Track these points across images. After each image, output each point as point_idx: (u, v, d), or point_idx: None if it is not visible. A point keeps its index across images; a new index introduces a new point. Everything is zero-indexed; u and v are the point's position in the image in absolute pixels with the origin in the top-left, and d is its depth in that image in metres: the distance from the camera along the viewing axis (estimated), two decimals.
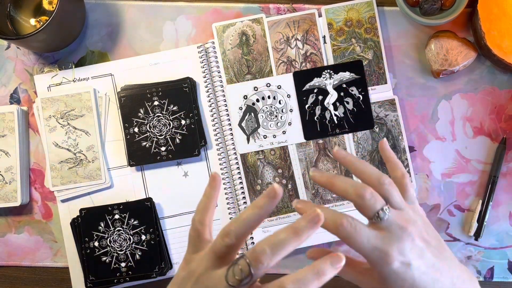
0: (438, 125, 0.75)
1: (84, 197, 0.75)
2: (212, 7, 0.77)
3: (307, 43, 0.75)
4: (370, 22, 0.75)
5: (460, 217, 0.75)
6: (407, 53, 0.76)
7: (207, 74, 0.76)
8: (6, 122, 0.75)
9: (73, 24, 0.74)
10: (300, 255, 0.75)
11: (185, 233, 0.75)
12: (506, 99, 0.75)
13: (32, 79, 0.77)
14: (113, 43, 0.77)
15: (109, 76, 0.76)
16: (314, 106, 0.74)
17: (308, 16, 0.75)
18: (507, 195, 0.74)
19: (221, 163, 0.75)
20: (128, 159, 0.74)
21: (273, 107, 0.75)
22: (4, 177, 0.74)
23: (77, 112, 0.75)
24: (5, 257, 0.77)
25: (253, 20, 0.75)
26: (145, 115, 0.74)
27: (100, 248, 0.73)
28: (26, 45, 0.73)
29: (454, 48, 0.72)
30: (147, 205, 0.73)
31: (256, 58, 0.75)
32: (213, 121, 0.75)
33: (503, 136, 0.74)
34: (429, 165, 0.75)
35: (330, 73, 0.74)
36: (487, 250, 0.74)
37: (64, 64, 0.77)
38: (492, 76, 0.75)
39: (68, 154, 0.75)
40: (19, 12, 0.74)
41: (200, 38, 0.77)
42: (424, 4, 0.72)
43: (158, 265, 0.72)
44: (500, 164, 0.73)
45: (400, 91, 0.76)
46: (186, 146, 0.74)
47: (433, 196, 0.75)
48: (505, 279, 0.74)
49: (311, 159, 0.74)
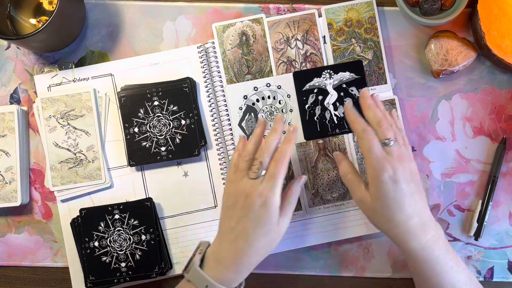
0: (438, 125, 0.75)
1: (84, 197, 0.75)
2: (212, 7, 0.77)
3: (307, 43, 0.75)
4: (370, 22, 0.75)
5: (460, 217, 0.75)
6: (407, 53, 0.76)
7: (207, 74, 0.76)
8: (6, 122, 0.75)
9: (73, 24, 0.74)
10: (301, 255, 0.75)
11: (185, 233, 0.75)
12: (506, 99, 0.75)
13: (32, 79, 0.77)
14: (113, 43, 0.77)
15: (109, 76, 0.76)
16: (314, 106, 0.74)
17: (308, 16, 0.75)
18: (507, 195, 0.74)
19: (221, 163, 0.75)
20: (128, 159, 0.74)
21: (273, 107, 0.75)
22: (4, 177, 0.74)
23: (77, 112, 0.75)
24: (5, 257, 0.77)
25: (253, 20, 0.75)
26: (145, 115, 0.74)
27: (100, 248, 0.73)
28: (26, 45, 0.73)
29: (454, 48, 0.72)
30: (147, 205, 0.73)
31: (256, 58, 0.75)
32: (213, 121, 0.76)
33: (503, 136, 0.74)
34: (429, 165, 0.75)
35: (330, 73, 0.74)
36: (487, 250, 0.74)
37: (64, 64, 0.77)
38: (492, 76, 0.75)
39: (68, 154, 0.75)
40: (19, 12, 0.74)
41: (200, 38, 0.77)
42: (424, 4, 0.72)
43: (158, 265, 0.72)
44: (500, 164, 0.73)
45: (400, 91, 0.76)
46: (186, 146, 0.74)
47: (433, 196, 0.75)
48: (505, 279, 0.74)
49: (311, 159, 0.74)
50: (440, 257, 0.61)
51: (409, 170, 0.61)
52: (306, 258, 0.75)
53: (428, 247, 0.61)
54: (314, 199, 0.74)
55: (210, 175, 0.75)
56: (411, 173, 0.61)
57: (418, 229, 0.61)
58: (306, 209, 0.74)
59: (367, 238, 0.75)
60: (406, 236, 0.61)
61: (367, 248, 0.75)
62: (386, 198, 0.60)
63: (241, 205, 0.61)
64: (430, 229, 0.61)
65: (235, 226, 0.61)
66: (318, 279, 0.75)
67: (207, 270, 0.61)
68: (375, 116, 0.63)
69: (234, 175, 0.64)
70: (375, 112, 0.64)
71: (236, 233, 0.61)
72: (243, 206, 0.61)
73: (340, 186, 0.74)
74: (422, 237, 0.61)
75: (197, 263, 0.62)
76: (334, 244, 0.75)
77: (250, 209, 0.61)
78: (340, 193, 0.74)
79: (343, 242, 0.75)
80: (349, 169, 0.66)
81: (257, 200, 0.61)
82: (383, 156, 0.60)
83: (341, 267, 0.75)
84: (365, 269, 0.75)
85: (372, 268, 0.75)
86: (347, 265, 0.75)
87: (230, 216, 0.62)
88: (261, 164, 0.62)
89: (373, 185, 0.61)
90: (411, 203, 0.61)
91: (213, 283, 0.60)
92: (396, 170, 0.60)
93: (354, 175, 0.65)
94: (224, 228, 0.63)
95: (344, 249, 0.75)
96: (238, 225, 0.61)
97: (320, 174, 0.74)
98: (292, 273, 0.75)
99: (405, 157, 0.62)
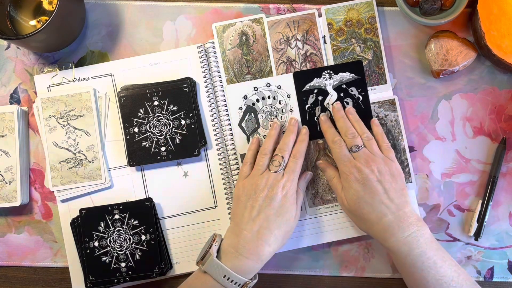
0: (438, 125, 0.75)
1: (84, 197, 0.75)
2: (212, 7, 0.77)
3: (307, 43, 0.75)
4: (370, 22, 0.75)
5: (460, 217, 0.75)
6: (407, 53, 0.76)
7: (207, 74, 0.76)
8: (6, 122, 0.75)
9: (73, 24, 0.74)
10: (301, 255, 0.75)
11: (185, 233, 0.75)
12: (506, 99, 0.75)
13: (32, 79, 0.77)
14: (113, 43, 0.77)
15: (109, 76, 0.76)
16: (314, 107, 0.74)
17: (308, 16, 0.75)
18: (507, 195, 0.74)
19: (221, 163, 0.75)
20: (128, 159, 0.74)
21: (273, 107, 0.75)
22: (4, 177, 0.74)
23: (77, 112, 0.75)
24: (5, 257, 0.77)
25: (253, 20, 0.75)
26: (145, 115, 0.74)
27: (100, 248, 0.73)
28: (26, 45, 0.73)
29: (454, 48, 0.72)
30: (147, 205, 0.73)
31: (256, 58, 0.75)
32: (213, 121, 0.75)
33: (503, 136, 0.74)
34: (429, 165, 0.75)
35: (330, 74, 0.74)
36: (487, 250, 0.74)
37: (64, 64, 0.77)
38: (492, 76, 0.75)
39: (68, 154, 0.75)
40: (19, 12, 0.74)
41: (200, 38, 0.77)
42: (424, 4, 0.72)
43: (158, 265, 0.72)
44: (500, 164, 0.73)
45: (400, 91, 0.76)
46: (186, 146, 0.74)
47: (433, 196, 0.75)
48: (505, 279, 0.74)
49: (311, 159, 0.74)
50: (421, 253, 0.63)
51: (379, 170, 0.66)
52: (306, 258, 0.75)
53: (407, 243, 0.63)
54: (314, 199, 0.74)
55: (210, 175, 0.75)
56: (383, 173, 0.66)
57: (395, 226, 0.64)
58: (306, 209, 0.74)
59: (367, 238, 0.75)
60: (383, 234, 0.65)
61: (367, 248, 0.75)
62: (356, 198, 0.66)
63: (264, 196, 0.66)
64: (410, 226, 0.64)
65: (257, 216, 0.66)
66: (318, 279, 0.75)
67: (225, 261, 0.64)
68: (343, 126, 0.70)
69: (249, 170, 0.70)
70: (344, 123, 0.70)
71: (259, 222, 0.65)
72: (266, 196, 0.66)
73: None
74: (400, 234, 0.64)
75: (214, 254, 0.64)
76: (334, 244, 0.75)
77: (273, 199, 0.66)
78: None
79: (343, 242, 0.75)
80: (333, 174, 0.71)
81: (279, 191, 0.66)
82: (350, 160, 0.67)
83: (341, 267, 0.75)
84: (365, 269, 0.75)
85: (372, 268, 0.75)
86: (347, 265, 0.75)
87: (251, 206, 0.66)
88: (282, 159, 0.68)
89: (344, 188, 0.67)
90: (384, 201, 0.65)
91: (231, 273, 0.63)
92: (362, 172, 0.65)
93: (337, 179, 0.70)
94: (244, 219, 0.66)
95: (344, 249, 0.75)
96: (260, 214, 0.66)
97: (320, 174, 0.74)
98: (292, 273, 0.75)
99: (375, 159, 0.67)
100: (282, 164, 0.68)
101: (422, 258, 0.63)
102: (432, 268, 0.62)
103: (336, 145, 0.69)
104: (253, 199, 0.66)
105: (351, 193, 0.66)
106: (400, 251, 0.64)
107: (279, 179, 0.67)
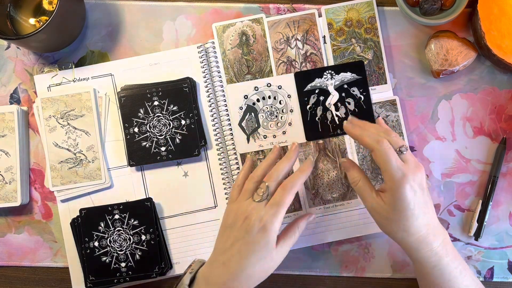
0: (438, 125, 0.75)
1: (84, 197, 0.75)
2: (212, 7, 0.77)
3: (307, 43, 0.75)
4: (370, 22, 0.75)
5: (460, 217, 0.75)
6: (407, 53, 0.76)
7: (207, 74, 0.76)
8: (6, 122, 0.75)
9: (73, 24, 0.73)
10: (301, 255, 0.75)
11: (185, 233, 0.75)
12: (506, 99, 0.75)
13: (32, 79, 0.77)
14: (113, 43, 0.77)
15: (109, 76, 0.76)
16: (315, 107, 0.74)
17: (308, 16, 0.75)
18: (507, 195, 0.74)
19: (221, 163, 0.75)
20: (128, 159, 0.74)
21: (273, 107, 0.75)
22: (4, 177, 0.74)
23: (77, 112, 0.75)
24: (5, 257, 0.77)
25: (253, 20, 0.75)
26: (145, 115, 0.74)
27: (100, 248, 0.73)
28: (26, 45, 0.73)
29: (454, 48, 0.72)
30: (147, 205, 0.73)
31: (256, 58, 0.75)
32: (213, 121, 0.75)
33: (503, 136, 0.74)
34: (429, 165, 0.75)
35: (331, 74, 0.74)
36: (487, 250, 0.74)
37: (64, 64, 0.77)
38: (492, 76, 0.75)
39: (68, 154, 0.75)
40: (19, 12, 0.74)
41: (200, 38, 0.77)
42: (424, 4, 0.72)
43: (158, 265, 0.72)
44: (500, 164, 0.73)
45: (400, 91, 0.76)
46: (186, 146, 0.74)
47: (433, 196, 0.75)
48: (505, 279, 0.74)
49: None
50: (449, 263, 0.61)
51: (422, 177, 0.60)
52: (306, 258, 0.75)
53: (437, 253, 0.60)
54: (314, 199, 0.74)
55: (210, 175, 0.75)
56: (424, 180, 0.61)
57: (430, 237, 0.60)
58: (306, 209, 0.74)
59: (367, 238, 0.75)
60: (418, 244, 0.60)
61: (367, 248, 0.75)
62: (406, 209, 0.58)
63: (239, 226, 0.60)
64: (439, 235, 0.61)
65: (230, 248, 0.60)
66: (318, 279, 0.75)
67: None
68: (376, 129, 0.63)
69: (238, 195, 0.63)
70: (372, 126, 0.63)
71: (230, 255, 0.59)
72: (241, 227, 0.60)
73: (340, 186, 0.74)
74: (434, 244, 0.60)
75: (186, 283, 0.60)
76: (334, 244, 0.75)
77: (248, 231, 0.59)
78: (340, 193, 0.74)
79: (343, 242, 0.75)
80: (359, 176, 0.64)
81: (256, 223, 0.59)
82: (402, 165, 0.59)
83: (341, 267, 0.75)
84: (365, 269, 0.75)
85: (372, 268, 0.75)
86: (347, 265, 0.75)
87: (227, 236, 0.61)
88: (267, 188, 0.61)
89: (392, 195, 0.59)
90: (425, 212, 0.60)
91: None
92: (415, 180, 0.59)
93: (364, 182, 0.63)
94: (219, 248, 0.62)
95: (344, 249, 0.75)
96: (233, 247, 0.60)
97: (320, 174, 0.74)
98: (292, 273, 0.75)
99: (419, 164, 0.61)
100: (266, 193, 0.61)
101: (450, 267, 0.61)
102: (458, 278, 0.60)
103: (383, 146, 0.59)
104: (230, 228, 0.61)
105: (400, 202, 0.58)
106: (430, 261, 0.61)
107: (258, 209, 0.60)
